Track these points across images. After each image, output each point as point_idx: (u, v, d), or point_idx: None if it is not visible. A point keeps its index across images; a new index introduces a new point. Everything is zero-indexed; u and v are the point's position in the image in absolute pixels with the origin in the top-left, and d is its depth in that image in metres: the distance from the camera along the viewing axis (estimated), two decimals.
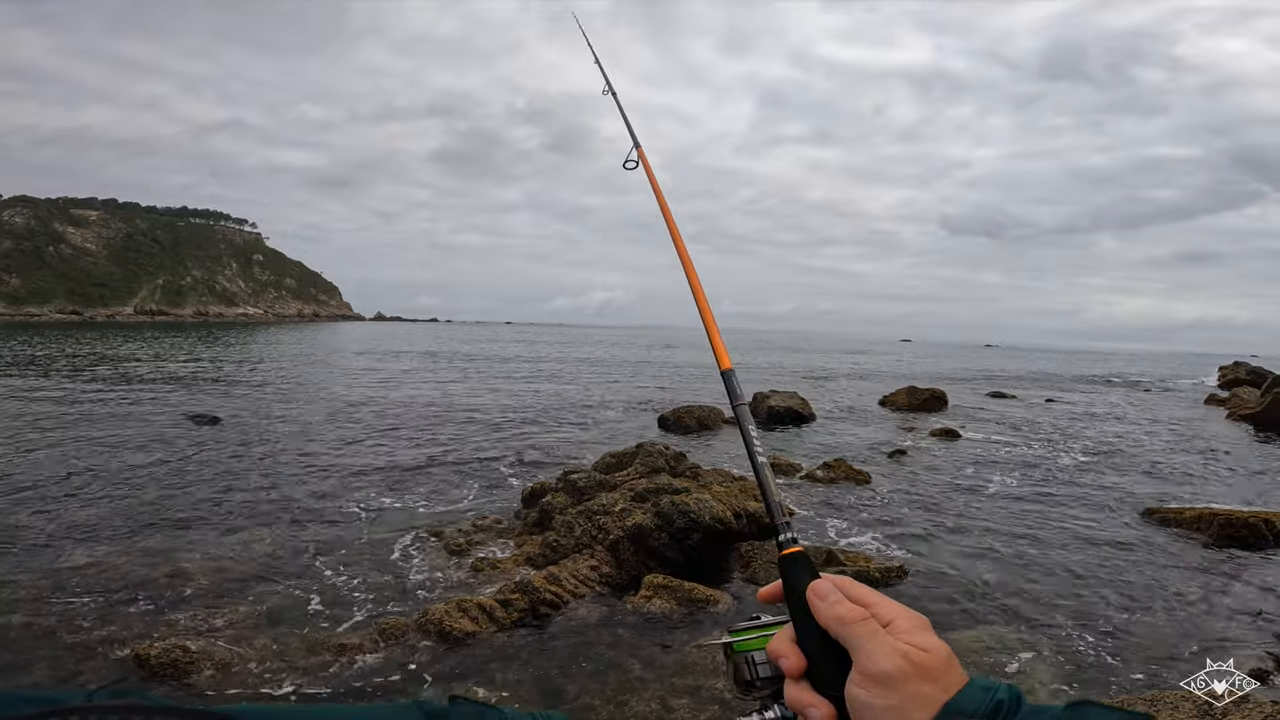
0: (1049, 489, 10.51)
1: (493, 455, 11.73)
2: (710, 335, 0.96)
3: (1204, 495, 10.49)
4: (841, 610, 0.64)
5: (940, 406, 20.52)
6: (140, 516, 7.64)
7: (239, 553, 6.61)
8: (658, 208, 1.31)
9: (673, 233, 1.22)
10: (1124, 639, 5.35)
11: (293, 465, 10.46)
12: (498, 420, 15.74)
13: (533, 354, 46.27)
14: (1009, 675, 4.72)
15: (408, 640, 4.92)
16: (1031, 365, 54.95)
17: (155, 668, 4.36)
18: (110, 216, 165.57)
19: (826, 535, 7.83)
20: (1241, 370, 33.95)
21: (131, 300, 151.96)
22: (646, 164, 1.46)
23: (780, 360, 48.21)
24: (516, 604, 5.35)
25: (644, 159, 1.48)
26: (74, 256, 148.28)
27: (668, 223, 1.25)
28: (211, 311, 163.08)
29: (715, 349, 0.94)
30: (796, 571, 0.69)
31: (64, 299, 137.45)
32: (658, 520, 6.41)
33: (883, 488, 10.12)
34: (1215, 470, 12.80)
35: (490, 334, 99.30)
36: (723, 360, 0.93)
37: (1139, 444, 15.59)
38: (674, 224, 1.24)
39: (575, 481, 7.76)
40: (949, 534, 8.01)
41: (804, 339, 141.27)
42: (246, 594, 5.67)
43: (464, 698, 0.63)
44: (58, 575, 5.88)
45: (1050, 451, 14.02)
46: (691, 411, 15.88)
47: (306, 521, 7.71)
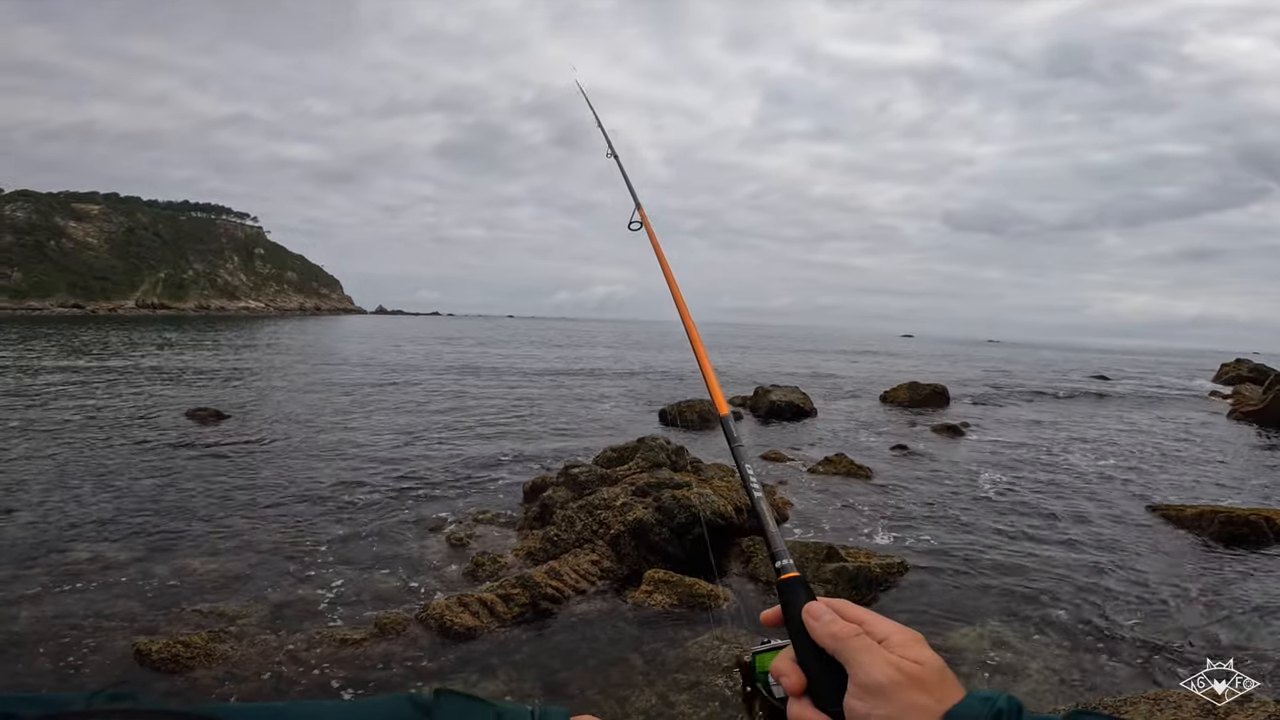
0: (1050, 485, 10.50)
1: (493, 450, 11.73)
2: (708, 384, 1.03)
3: (1205, 493, 10.48)
4: (835, 628, 0.67)
5: (942, 403, 20.49)
6: (141, 512, 7.64)
7: (240, 548, 6.61)
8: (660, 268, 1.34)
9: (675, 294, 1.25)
10: (1125, 637, 5.34)
11: (293, 460, 10.47)
12: (498, 414, 15.74)
13: (534, 348, 46.26)
14: (1008, 674, 4.72)
15: (409, 635, 4.92)
16: (1033, 361, 54.88)
17: (156, 663, 4.37)
18: (112, 210, 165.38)
19: (827, 531, 7.83)
20: (1243, 368, 33.92)
21: (133, 294, 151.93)
22: (648, 225, 1.47)
23: (781, 355, 48.16)
24: (517, 599, 5.35)
25: (646, 221, 1.50)
26: (75, 250, 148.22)
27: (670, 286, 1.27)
28: (213, 305, 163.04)
29: (713, 396, 1.01)
30: (794, 595, 0.74)
31: (66, 293, 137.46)
32: (659, 515, 6.41)
33: (884, 483, 10.12)
34: (1217, 468, 12.78)
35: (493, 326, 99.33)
36: (720, 406, 1.00)
37: (1140, 440, 15.57)
38: (676, 287, 1.26)
39: (576, 476, 7.76)
40: (950, 530, 8.00)
41: (805, 334, 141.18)
42: (247, 590, 5.67)
43: (451, 690, 0.64)
44: (58, 572, 5.89)
45: (1052, 448, 14.00)
46: (693, 406, 15.87)
47: (307, 517, 7.71)
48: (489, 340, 53.13)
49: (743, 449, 0.93)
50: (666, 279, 1.29)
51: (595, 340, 54.92)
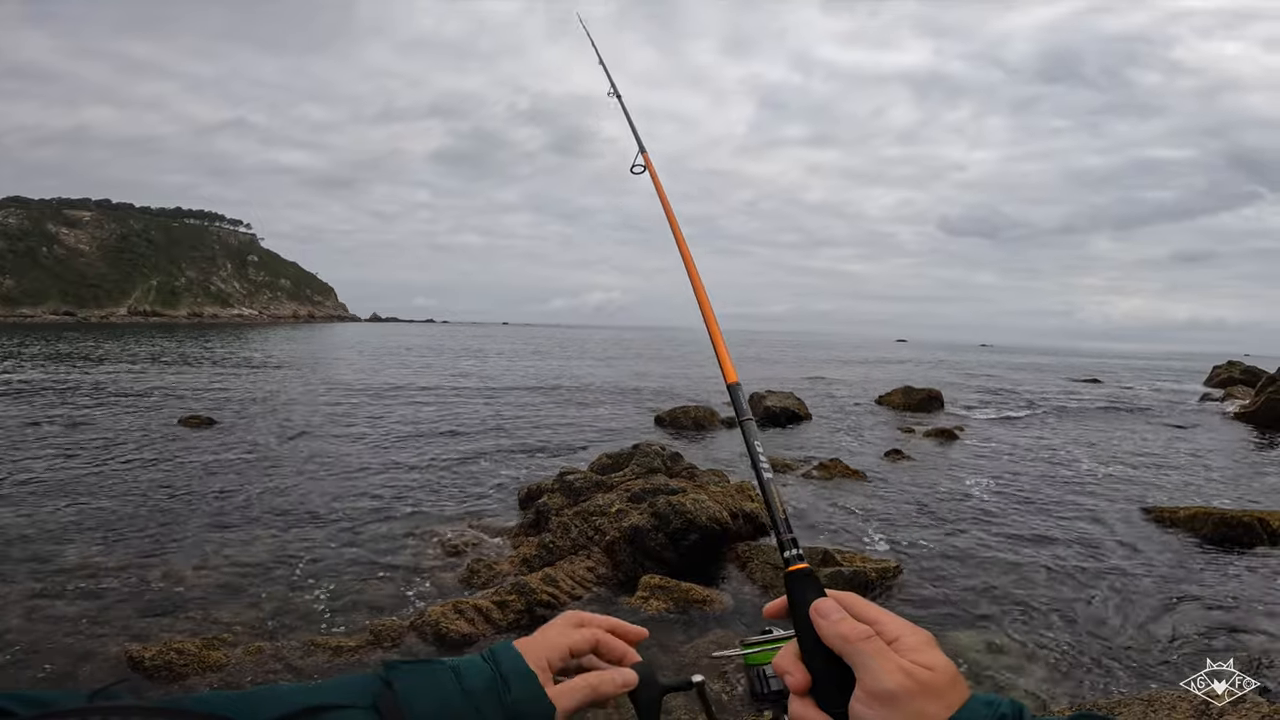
0: (1045, 488, 10.53)
1: (488, 457, 11.71)
2: (716, 347, 0.93)
3: (1199, 494, 10.52)
4: (845, 628, 0.64)
5: (936, 406, 20.55)
6: (135, 519, 7.59)
7: (233, 555, 6.57)
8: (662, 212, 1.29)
9: (678, 238, 1.19)
10: (1121, 638, 5.36)
11: (287, 467, 10.42)
12: (493, 422, 15.71)
13: (529, 355, 46.21)
14: (1006, 676, 4.72)
15: (404, 642, 4.90)
16: (1026, 365, 55.11)
17: (150, 670, 4.34)
18: (104, 217, 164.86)
19: (822, 535, 7.83)
20: (1235, 369, 34.10)
21: (125, 301, 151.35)
22: (652, 168, 1.43)
23: (776, 360, 48.24)
24: (513, 605, 5.34)
25: (649, 164, 1.45)
26: (68, 257, 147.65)
27: (673, 229, 1.22)
28: (206, 313, 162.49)
29: (721, 361, 0.91)
30: (802, 589, 0.70)
31: (58, 300, 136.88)
32: (654, 521, 6.40)
33: (879, 487, 10.13)
34: (1210, 469, 12.84)
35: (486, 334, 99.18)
36: (729, 374, 0.90)
37: (1133, 443, 15.64)
38: (679, 230, 1.21)
39: (571, 482, 7.74)
40: (945, 534, 8.02)
41: (800, 339, 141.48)
42: (241, 596, 5.64)
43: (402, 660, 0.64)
44: (52, 578, 5.84)
45: (1045, 451, 14.05)
46: (688, 412, 15.88)
47: (301, 523, 7.68)
48: (481, 350, 53.07)
49: (752, 424, 0.83)
50: (670, 223, 1.24)
51: (586, 353, 54.81)
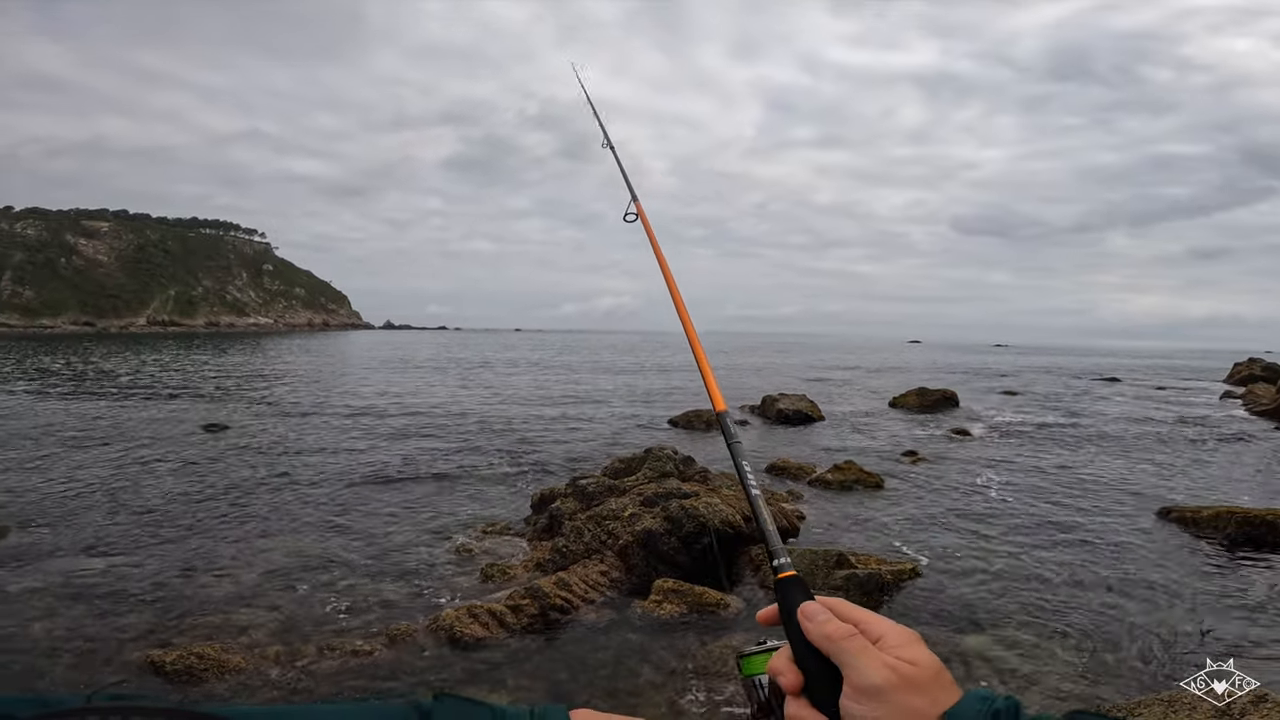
0: (1063, 489, 10.42)
1: (501, 461, 11.76)
2: (706, 382, 1.04)
3: (1221, 494, 10.37)
4: (830, 628, 0.67)
5: (951, 408, 20.39)
6: (154, 525, 7.69)
7: (251, 559, 6.65)
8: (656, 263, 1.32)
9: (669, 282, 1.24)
10: (1139, 641, 5.29)
11: (304, 473, 10.51)
12: (506, 427, 15.77)
13: (541, 360, 46.34)
14: (1020, 678, 4.68)
15: (419, 645, 4.93)
16: (1042, 365, 54.56)
17: (170, 674, 4.40)
18: (121, 228, 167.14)
19: (837, 537, 7.79)
20: (1256, 366, 33.61)
21: (144, 311, 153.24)
22: (644, 216, 1.46)
23: (788, 362, 48.09)
24: (527, 609, 5.35)
25: (641, 212, 1.48)
26: (86, 268, 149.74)
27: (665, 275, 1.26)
28: (223, 321, 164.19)
29: (710, 393, 1.02)
30: (790, 594, 0.74)
31: (77, 310, 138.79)
32: (667, 525, 6.40)
33: (894, 490, 10.07)
34: (1232, 468, 12.66)
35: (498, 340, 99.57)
36: (717, 402, 1.00)
37: (1154, 443, 15.44)
38: (670, 276, 1.25)
39: (584, 487, 7.76)
40: (961, 535, 7.96)
41: (811, 341, 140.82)
42: (259, 601, 5.70)
43: (450, 694, 0.64)
44: (73, 583, 5.93)
45: (1064, 451, 13.91)
46: (700, 415, 15.86)
47: (318, 528, 7.75)
48: (492, 359, 53.28)
49: (740, 445, 0.92)
50: (662, 270, 1.27)
51: (598, 357, 54.89)
